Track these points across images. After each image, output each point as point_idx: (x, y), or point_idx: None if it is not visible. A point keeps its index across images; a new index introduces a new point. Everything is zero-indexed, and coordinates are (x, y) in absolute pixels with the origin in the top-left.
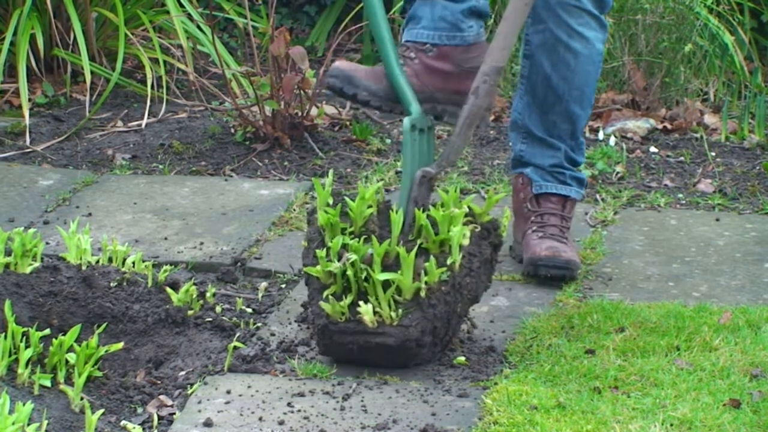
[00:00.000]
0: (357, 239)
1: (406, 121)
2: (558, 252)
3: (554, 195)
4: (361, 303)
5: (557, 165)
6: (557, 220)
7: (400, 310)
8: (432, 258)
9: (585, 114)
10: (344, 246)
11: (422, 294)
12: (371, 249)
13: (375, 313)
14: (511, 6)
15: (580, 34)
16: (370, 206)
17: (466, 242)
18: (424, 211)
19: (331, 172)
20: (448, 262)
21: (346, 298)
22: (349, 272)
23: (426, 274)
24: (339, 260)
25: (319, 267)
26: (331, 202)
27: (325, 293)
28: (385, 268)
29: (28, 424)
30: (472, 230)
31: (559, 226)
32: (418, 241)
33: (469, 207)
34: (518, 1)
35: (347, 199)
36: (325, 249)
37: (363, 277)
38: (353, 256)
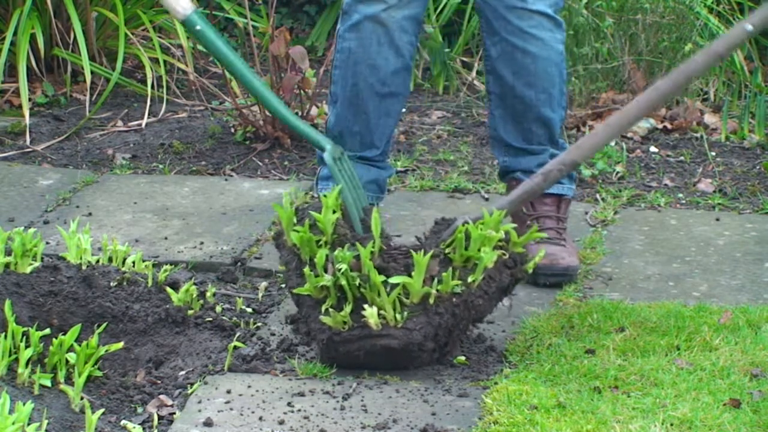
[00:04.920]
0: (339, 248)
1: (327, 156)
2: (556, 259)
3: (548, 196)
4: (365, 306)
5: (544, 164)
6: (553, 223)
7: (405, 313)
8: (451, 269)
9: (558, 116)
10: (326, 257)
11: (430, 300)
12: (355, 253)
13: (379, 315)
14: (615, 116)
15: (534, 36)
16: (334, 211)
17: (490, 265)
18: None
19: (285, 193)
20: (469, 279)
21: (345, 307)
22: (343, 281)
23: (440, 282)
24: (326, 273)
25: (308, 285)
26: (295, 220)
27: (323, 307)
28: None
29: (28, 424)
30: (500, 256)
31: (556, 228)
32: (446, 250)
33: (506, 232)
34: (626, 115)
35: (312, 212)
36: (307, 266)
37: (356, 283)
38: (343, 266)
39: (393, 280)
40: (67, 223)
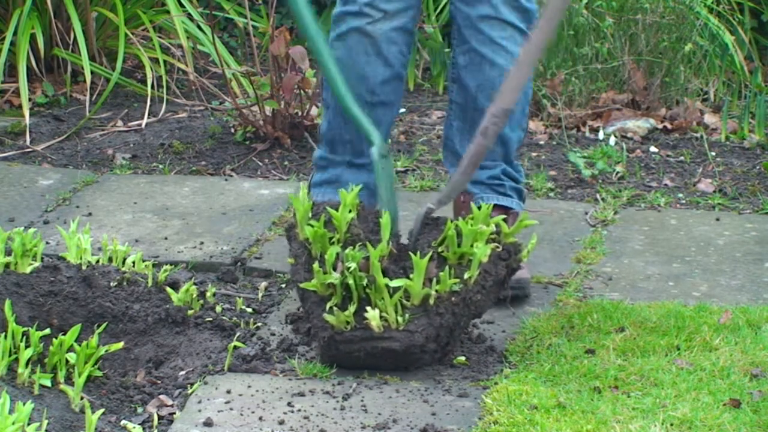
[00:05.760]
0: (350, 246)
1: (374, 151)
2: None
3: (495, 208)
4: (368, 308)
5: (495, 177)
6: None
7: (407, 315)
8: (447, 268)
9: (516, 137)
10: (337, 255)
11: (431, 301)
12: (366, 254)
13: (381, 317)
14: (524, 51)
15: (505, 48)
16: (350, 210)
17: (484, 260)
18: (417, 242)
19: (302, 185)
20: (465, 276)
21: (350, 306)
22: (350, 281)
23: (438, 282)
24: (335, 270)
25: (315, 281)
26: (310, 215)
27: (327, 305)
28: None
29: (28, 424)
30: (493, 249)
31: None
32: (439, 249)
33: (496, 225)
34: (531, 48)
35: (329, 209)
36: (317, 262)
37: (363, 284)
38: (352, 264)
39: (394, 283)
40: (67, 223)
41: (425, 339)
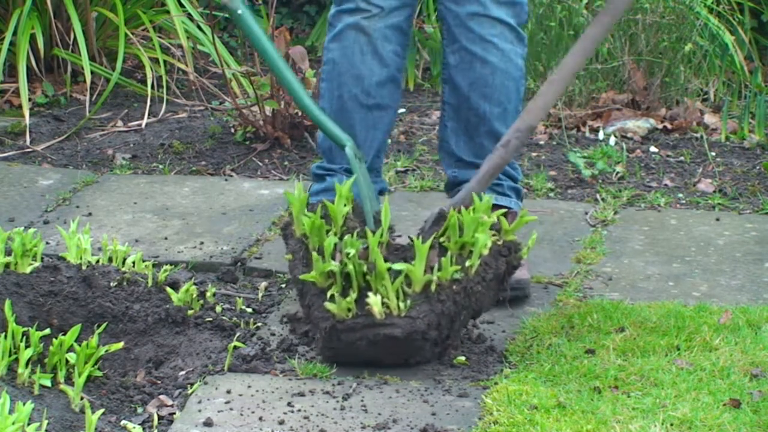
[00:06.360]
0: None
1: (349, 153)
2: None
3: (493, 207)
4: (369, 294)
5: None
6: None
7: (408, 301)
8: (449, 255)
9: None
10: (334, 245)
11: (432, 288)
12: (365, 243)
13: (382, 303)
14: (558, 72)
15: (495, 45)
16: (345, 204)
17: (485, 252)
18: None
19: (297, 183)
20: (467, 264)
21: (351, 294)
22: (350, 267)
23: (440, 269)
24: (333, 260)
25: (314, 272)
26: (305, 210)
27: (329, 293)
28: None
29: (28, 424)
30: (494, 242)
31: None
32: (441, 238)
33: (498, 219)
34: (565, 70)
35: (326, 201)
36: (315, 253)
37: (363, 270)
38: (351, 251)
39: (396, 266)
40: (67, 223)
41: (427, 325)
